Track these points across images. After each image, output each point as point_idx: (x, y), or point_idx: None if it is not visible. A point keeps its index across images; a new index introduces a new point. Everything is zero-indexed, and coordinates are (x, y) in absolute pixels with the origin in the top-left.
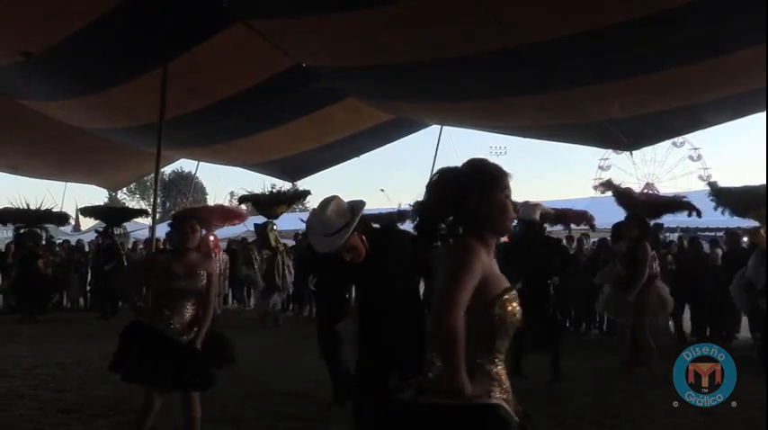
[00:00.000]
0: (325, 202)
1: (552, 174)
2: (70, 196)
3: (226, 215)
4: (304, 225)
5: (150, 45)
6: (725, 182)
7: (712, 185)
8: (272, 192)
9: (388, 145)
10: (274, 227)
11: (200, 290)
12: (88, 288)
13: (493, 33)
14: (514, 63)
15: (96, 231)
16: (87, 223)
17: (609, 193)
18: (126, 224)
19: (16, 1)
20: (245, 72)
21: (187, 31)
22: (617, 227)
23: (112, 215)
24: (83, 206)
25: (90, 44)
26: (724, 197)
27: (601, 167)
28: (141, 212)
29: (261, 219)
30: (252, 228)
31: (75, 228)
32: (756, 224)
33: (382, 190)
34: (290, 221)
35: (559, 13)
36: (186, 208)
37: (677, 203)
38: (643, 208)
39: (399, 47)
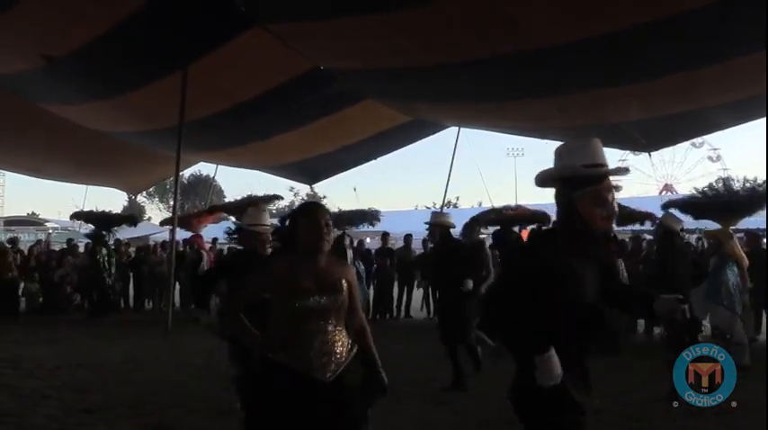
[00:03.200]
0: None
1: None
2: (91, 199)
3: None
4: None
5: (170, 49)
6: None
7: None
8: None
9: (405, 147)
10: None
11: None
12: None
13: (510, 36)
14: (532, 65)
15: (86, 235)
16: None
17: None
18: (140, 226)
19: (38, 5)
20: (263, 75)
21: (206, 34)
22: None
23: (101, 220)
24: (74, 211)
25: (110, 48)
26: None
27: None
28: (128, 219)
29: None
30: None
31: None
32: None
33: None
34: None
35: (576, 16)
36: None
37: (634, 214)
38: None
39: (416, 49)
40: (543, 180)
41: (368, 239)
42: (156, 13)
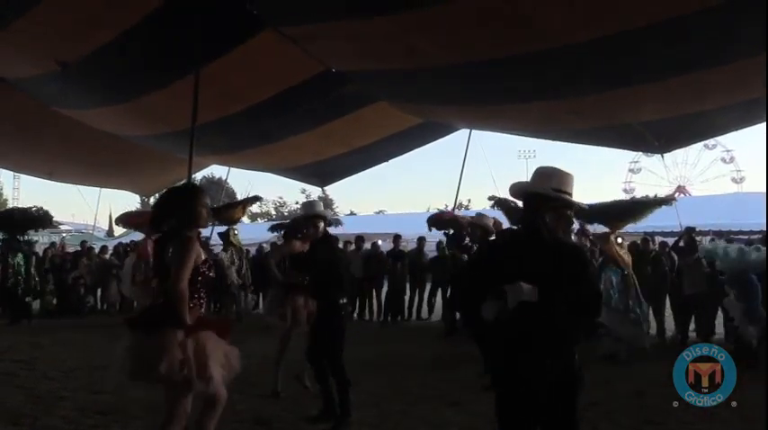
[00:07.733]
0: None
1: (582, 177)
2: (105, 202)
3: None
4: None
5: (182, 52)
6: (758, 183)
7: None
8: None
9: (417, 149)
10: (236, 232)
11: None
12: None
13: (523, 36)
14: (544, 66)
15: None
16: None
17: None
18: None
19: (52, 12)
20: (275, 77)
21: (218, 37)
22: None
23: (9, 225)
24: None
25: (123, 52)
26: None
27: (631, 170)
28: (42, 220)
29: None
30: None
31: (109, 233)
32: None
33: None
34: None
35: (589, 16)
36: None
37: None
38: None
39: (429, 50)
40: None
41: (380, 241)
42: (167, 16)
